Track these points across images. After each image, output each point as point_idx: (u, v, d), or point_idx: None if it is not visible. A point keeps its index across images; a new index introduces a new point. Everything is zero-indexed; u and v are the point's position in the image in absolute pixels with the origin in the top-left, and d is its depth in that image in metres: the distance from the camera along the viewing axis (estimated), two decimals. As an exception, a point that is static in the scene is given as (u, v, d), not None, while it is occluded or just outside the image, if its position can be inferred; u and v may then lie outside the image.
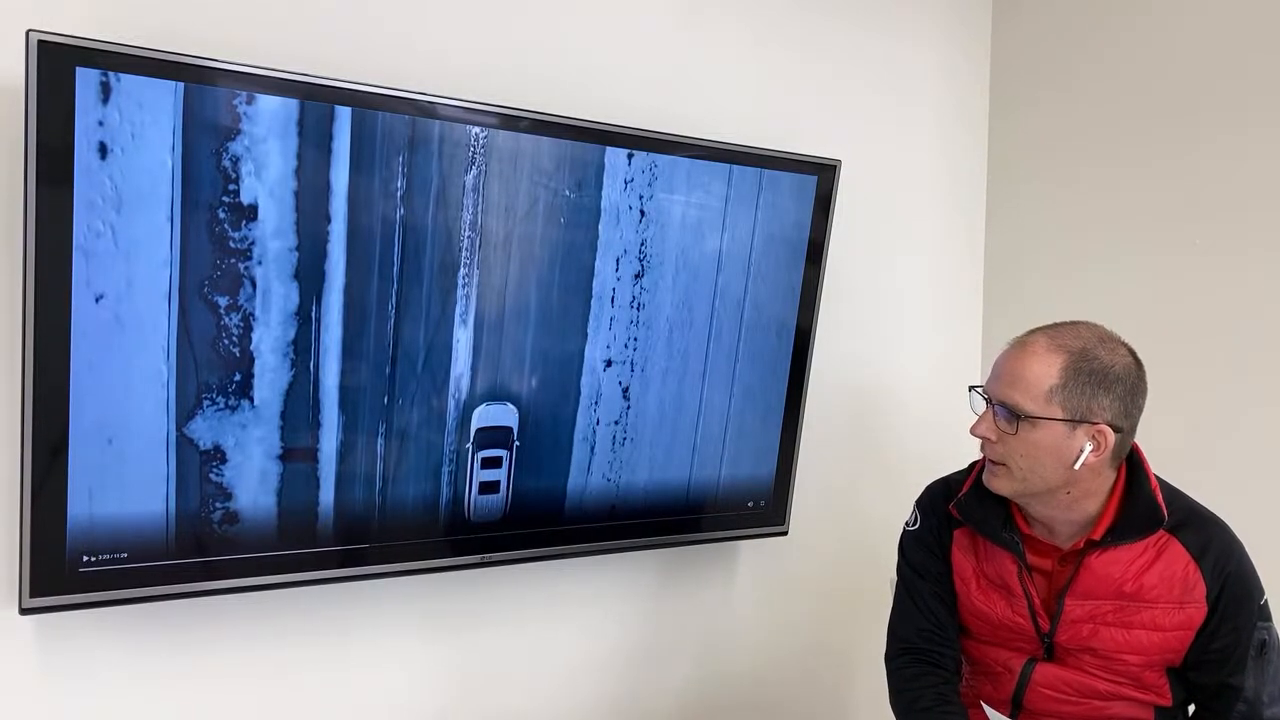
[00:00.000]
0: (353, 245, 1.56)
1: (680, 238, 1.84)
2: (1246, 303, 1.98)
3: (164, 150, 1.39)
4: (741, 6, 2.09)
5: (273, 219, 1.49)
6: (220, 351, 1.49)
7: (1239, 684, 1.35)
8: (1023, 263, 2.45)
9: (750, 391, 2.00)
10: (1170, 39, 2.12)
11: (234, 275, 1.47)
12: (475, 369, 1.71)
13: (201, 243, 1.44)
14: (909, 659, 1.54)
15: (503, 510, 1.76)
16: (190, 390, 1.47)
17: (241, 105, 1.44)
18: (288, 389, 1.55)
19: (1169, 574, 1.37)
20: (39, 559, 1.38)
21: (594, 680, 2.03)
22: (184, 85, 1.39)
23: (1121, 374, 1.33)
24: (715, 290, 1.91)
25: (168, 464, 1.47)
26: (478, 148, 1.64)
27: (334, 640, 1.74)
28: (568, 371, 1.78)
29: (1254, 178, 1.97)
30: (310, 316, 1.55)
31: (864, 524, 2.32)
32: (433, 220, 1.62)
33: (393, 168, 1.57)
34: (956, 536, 1.53)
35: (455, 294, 1.66)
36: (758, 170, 1.90)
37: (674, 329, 1.87)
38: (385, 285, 1.60)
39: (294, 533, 1.58)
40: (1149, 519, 1.37)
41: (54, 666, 1.51)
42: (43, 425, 1.36)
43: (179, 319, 1.44)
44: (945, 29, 2.42)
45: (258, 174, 1.47)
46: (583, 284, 1.77)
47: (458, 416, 1.70)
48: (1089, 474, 1.35)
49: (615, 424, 1.86)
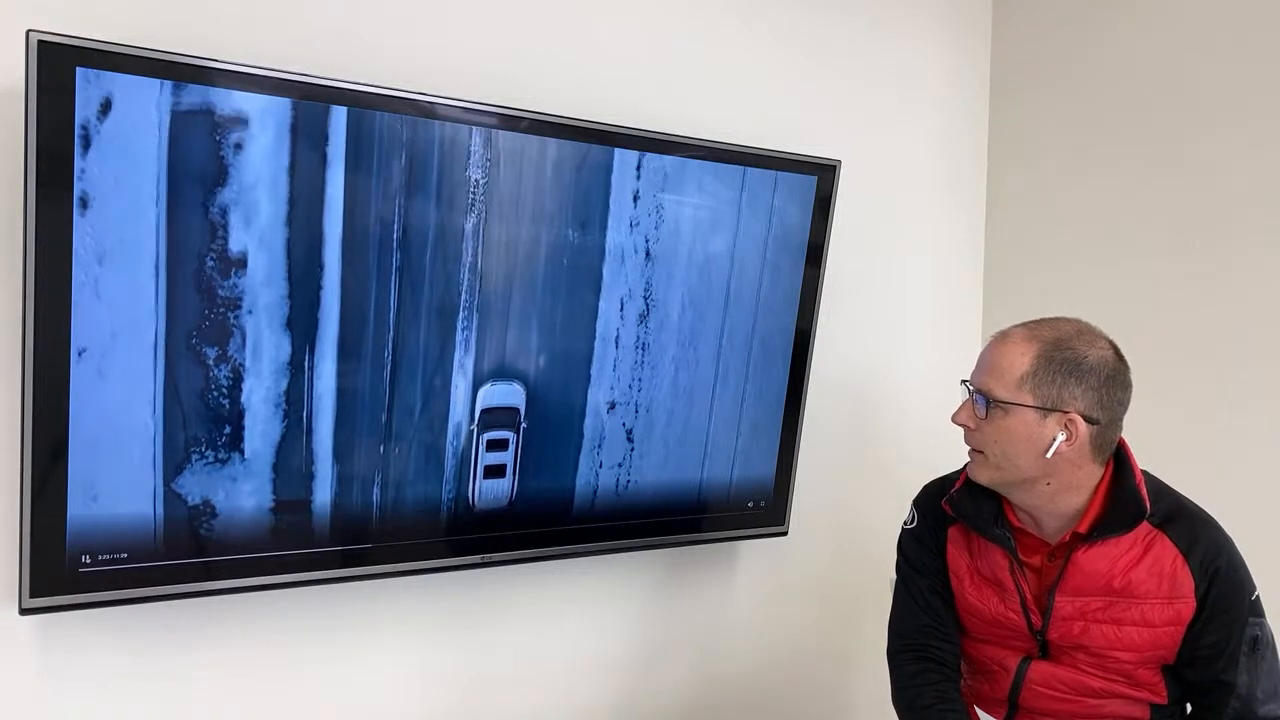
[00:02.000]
0: (347, 287, 1.54)
1: (682, 238, 1.84)
2: (1244, 305, 1.98)
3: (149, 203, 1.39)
4: (741, 7, 2.09)
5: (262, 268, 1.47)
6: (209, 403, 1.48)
7: (1232, 680, 1.36)
8: (1023, 263, 2.45)
9: (750, 392, 2.00)
10: (1170, 39, 2.12)
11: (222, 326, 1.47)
12: (474, 415, 1.70)
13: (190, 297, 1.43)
14: (910, 656, 1.54)
15: (508, 514, 1.77)
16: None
17: (230, 154, 1.43)
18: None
19: (1157, 569, 1.37)
20: (39, 559, 1.38)
21: (593, 680, 2.03)
22: (168, 134, 1.38)
23: (1095, 365, 1.35)
24: (715, 291, 1.91)
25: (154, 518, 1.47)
26: (478, 193, 1.63)
27: (333, 640, 1.74)
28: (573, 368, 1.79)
29: (1254, 177, 1.97)
30: (303, 365, 1.54)
31: (864, 524, 2.32)
32: (430, 263, 1.61)
33: (390, 208, 1.56)
34: (951, 534, 1.54)
35: (454, 338, 1.66)
36: (757, 170, 1.89)
37: (678, 331, 1.88)
38: (381, 331, 1.59)
39: (292, 534, 1.58)
40: (1133, 511, 1.38)
41: (54, 666, 1.51)
42: (43, 426, 1.36)
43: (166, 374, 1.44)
44: (946, 29, 2.42)
45: (246, 224, 1.46)
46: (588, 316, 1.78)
47: (455, 465, 1.70)
48: (1067, 466, 1.37)
49: (622, 424, 1.86)
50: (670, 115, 1.96)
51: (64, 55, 1.29)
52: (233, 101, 1.42)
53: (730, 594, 2.20)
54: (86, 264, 1.36)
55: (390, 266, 1.58)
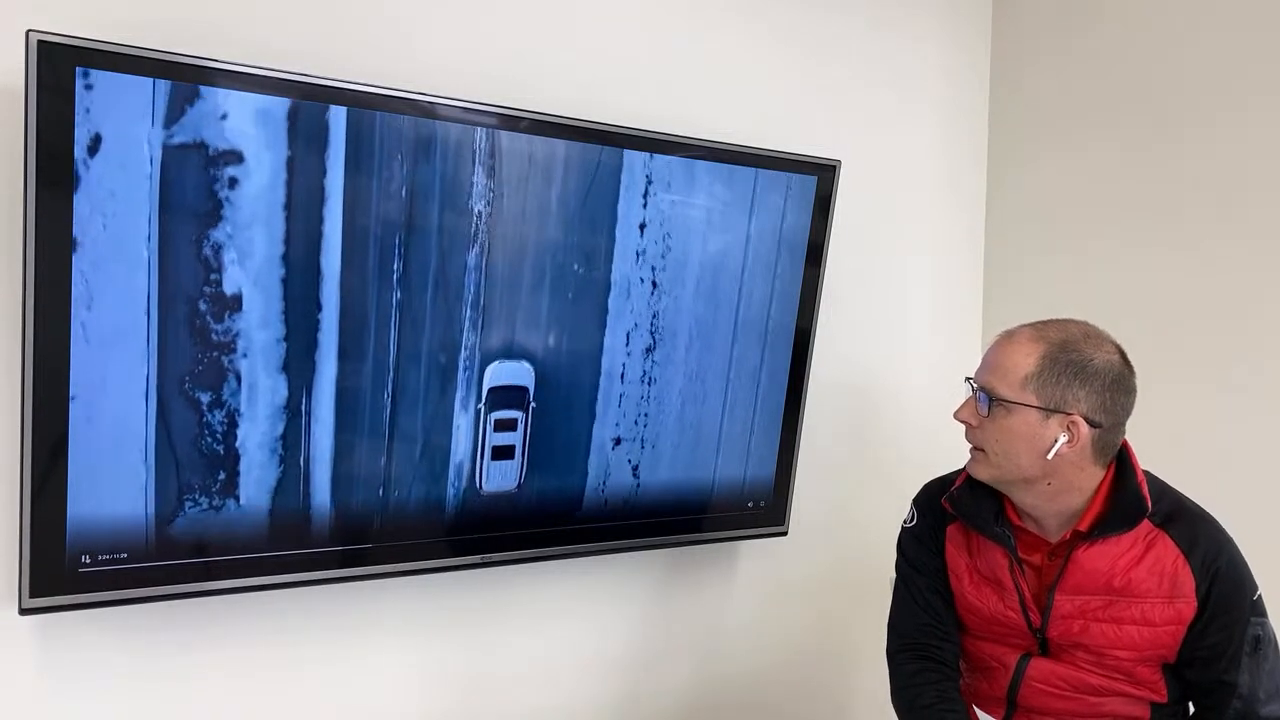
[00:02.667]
0: (345, 325, 1.55)
1: (683, 238, 1.84)
2: (1245, 305, 1.98)
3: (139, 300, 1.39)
4: (741, 7, 2.09)
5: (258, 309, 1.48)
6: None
7: (1233, 680, 1.35)
8: (1023, 262, 2.45)
9: (750, 392, 1.99)
10: (1170, 38, 2.12)
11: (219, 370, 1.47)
12: (475, 459, 1.71)
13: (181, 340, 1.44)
14: (909, 655, 1.54)
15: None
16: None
17: (224, 191, 1.43)
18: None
19: (1158, 568, 1.37)
20: (39, 559, 1.38)
21: (594, 680, 2.03)
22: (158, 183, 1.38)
23: (1101, 369, 1.35)
24: (716, 291, 1.91)
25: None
26: (480, 224, 1.64)
27: (333, 640, 1.74)
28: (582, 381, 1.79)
29: (1255, 177, 1.97)
30: (300, 409, 1.54)
31: (863, 524, 2.32)
32: (431, 302, 1.62)
33: (389, 245, 1.56)
34: (950, 533, 1.54)
35: (455, 380, 1.66)
36: (757, 171, 1.89)
37: (682, 330, 1.88)
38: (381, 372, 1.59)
39: (293, 534, 1.58)
40: (1134, 510, 1.38)
41: (54, 666, 1.51)
42: (43, 426, 1.36)
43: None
44: (945, 28, 2.42)
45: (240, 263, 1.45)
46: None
47: (457, 504, 1.71)
48: (1068, 467, 1.37)
49: (635, 424, 1.87)
50: (670, 115, 1.96)
51: (64, 55, 1.29)
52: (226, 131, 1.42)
53: (730, 594, 2.20)
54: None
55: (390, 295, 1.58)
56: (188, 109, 1.39)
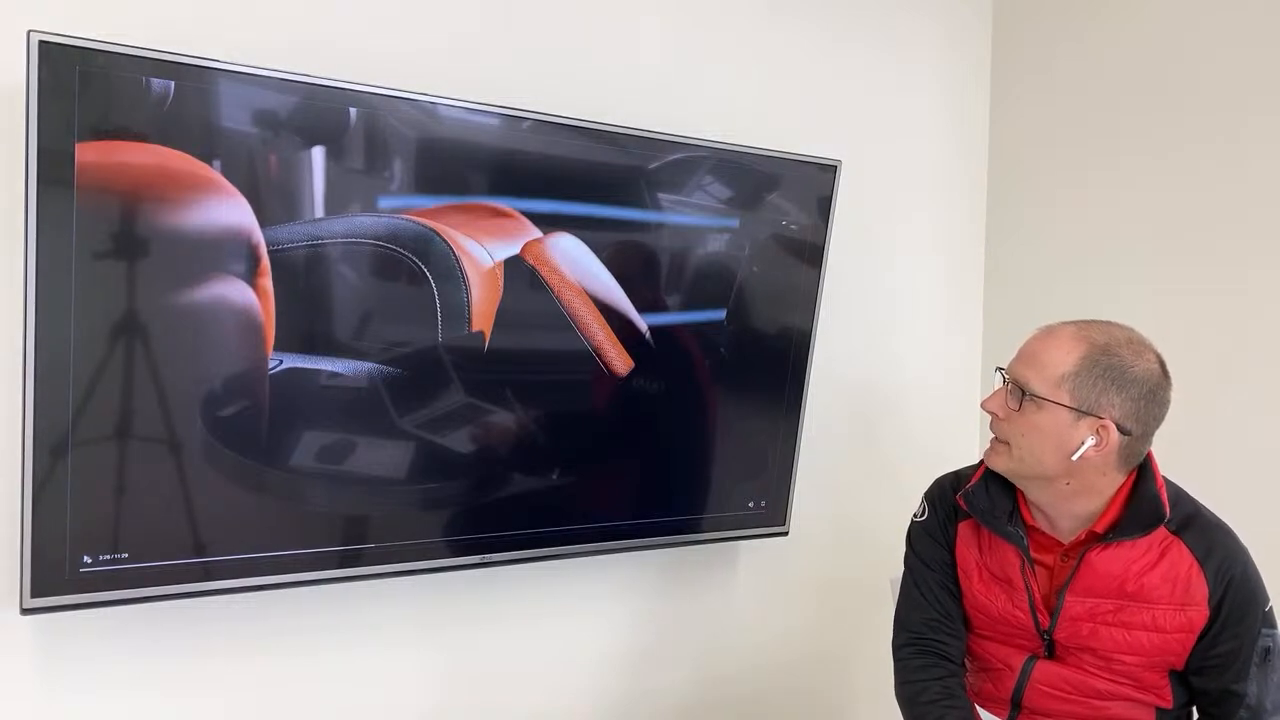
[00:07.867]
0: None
1: (684, 238, 1.84)
2: (1246, 305, 1.98)
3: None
4: (742, 8, 2.09)
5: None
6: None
7: (1242, 691, 1.35)
8: (1023, 263, 2.45)
9: (750, 393, 1.99)
10: (1171, 40, 2.12)
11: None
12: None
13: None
14: (915, 649, 1.54)
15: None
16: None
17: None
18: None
19: (1172, 575, 1.36)
20: (40, 560, 1.38)
21: (594, 680, 2.03)
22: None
23: (1140, 377, 1.33)
24: (715, 290, 1.91)
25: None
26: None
27: (333, 640, 1.74)
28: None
29: (1255, 177, 1.97)
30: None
31: (864, 524, 2.32)
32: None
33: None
34: (961, 529, 1.53)
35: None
36: (757, 171, 1.89)
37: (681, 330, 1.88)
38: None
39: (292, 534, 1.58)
40: (1151, 515, 1.37)
41: (54, 666, 1.51)
42: (44, 427, 1.36)
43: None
44: (946, 29, 2.43)
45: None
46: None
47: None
48: (1091, 470, 1.36)
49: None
50: (670, 116, 1.96)
51: (64, 55, 1.29)
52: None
53: (730, 594, 2.20)
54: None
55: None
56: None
